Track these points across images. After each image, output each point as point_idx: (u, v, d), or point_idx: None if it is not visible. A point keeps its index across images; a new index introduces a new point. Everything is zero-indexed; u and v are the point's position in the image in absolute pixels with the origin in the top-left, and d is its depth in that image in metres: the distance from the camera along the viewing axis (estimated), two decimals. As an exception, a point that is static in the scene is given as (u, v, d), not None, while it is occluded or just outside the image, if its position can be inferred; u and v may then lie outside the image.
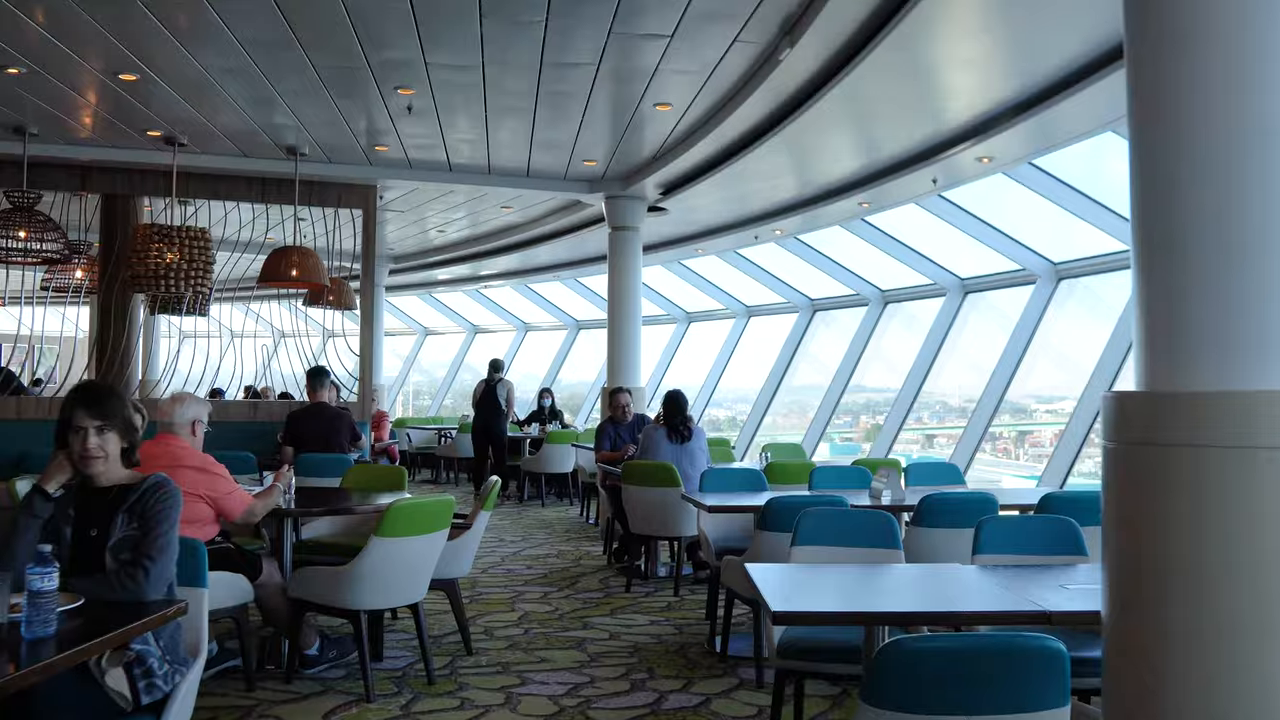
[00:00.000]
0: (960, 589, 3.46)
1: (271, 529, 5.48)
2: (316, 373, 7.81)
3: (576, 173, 9.39)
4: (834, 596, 3.38)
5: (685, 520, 7.01)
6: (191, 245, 7.82)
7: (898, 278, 11.51)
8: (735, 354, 14.44)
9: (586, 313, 17.02)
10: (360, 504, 5.46)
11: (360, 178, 9.16)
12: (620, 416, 8.46)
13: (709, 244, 11.93)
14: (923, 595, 3.47)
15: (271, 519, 5.03)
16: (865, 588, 3.49)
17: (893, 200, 9.20)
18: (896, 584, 3.58)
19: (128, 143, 8.26)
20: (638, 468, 7.22)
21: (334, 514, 5.69)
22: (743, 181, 9.16)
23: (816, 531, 4.26)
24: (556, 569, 7.92)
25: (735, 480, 6.53)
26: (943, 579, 3.67)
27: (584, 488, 11.15)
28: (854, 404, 13.39)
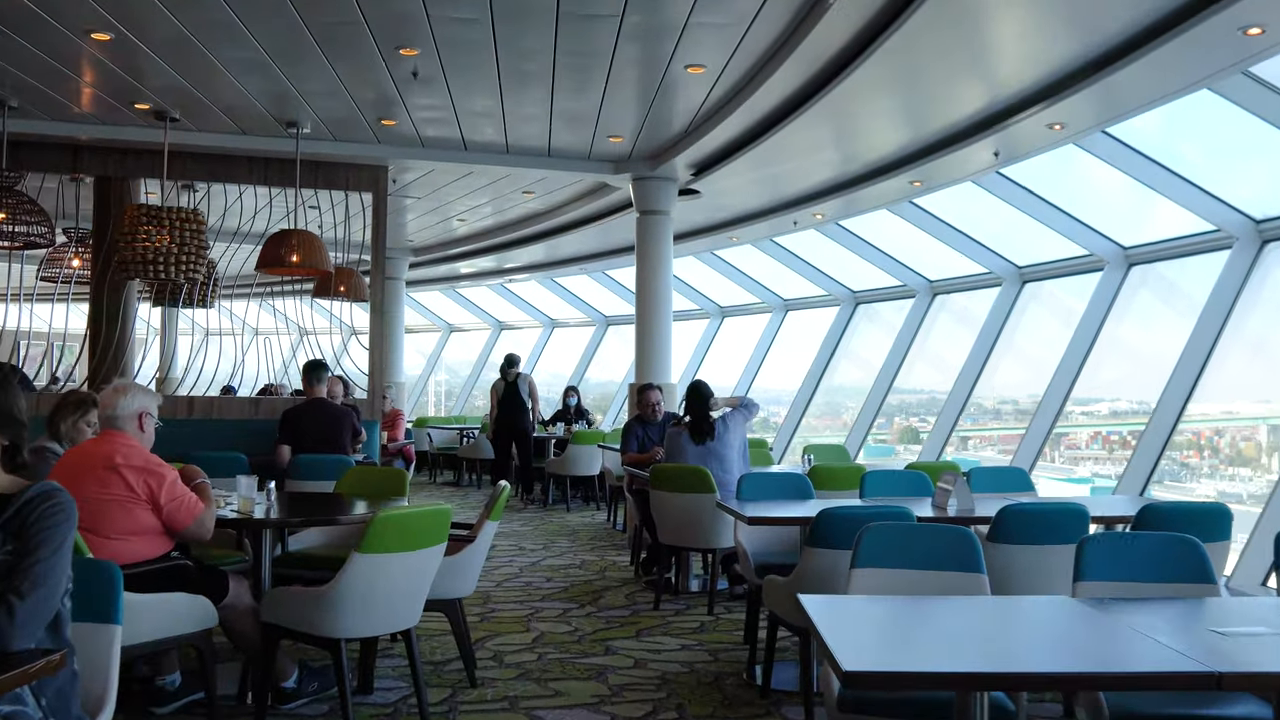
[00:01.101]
0: (1081, 634, 2.71)
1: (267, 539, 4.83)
2: (314, 366, 7.16)
3: (601, 151, 8.68)
4: (917, 644, 2.63)
5: (720, 530, 6.28)
6: (183, 228, 7.19)
7: (948, 266, 10.70)
8: (771, 350, 13.67)
9: (615, 308, 16.32)
10: (353, 512, 4.78)
11: (368, 157, 8.51)
12: (650, 415, 7.73)
13: (743, 231, 11.17)
14: (1034, 643, 2.71)
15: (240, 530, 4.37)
16: (953, 630, 2.75)
17: (947, 178, 8.39)
18: (992, 624, 2.83)
19: (117, 118, 7.65)
20: (666, 471, 6.50)
21: (311, 524, 5.01)
22: (779, 159, 8.41)
23: (881, 550, 3.52)
24: (578, 581, 7.22)
25: (777, 486, 5.79)
26: (1051, 617, 2.92)
27: (611, 491, 10.48)
28: (886, 405, 12.79)
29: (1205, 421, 8.78)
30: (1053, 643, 2.70)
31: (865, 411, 11.26)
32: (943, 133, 7.51)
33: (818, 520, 4.10)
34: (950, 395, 10.04)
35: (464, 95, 7.04)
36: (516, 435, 11.50)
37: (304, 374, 7.17)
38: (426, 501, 4.60)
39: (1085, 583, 3.38)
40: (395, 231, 13.08)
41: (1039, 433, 8.74)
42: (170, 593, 3.85)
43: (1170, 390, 7.50)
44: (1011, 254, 9.78)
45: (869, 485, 5.92)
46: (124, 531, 3.81)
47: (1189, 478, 8.83)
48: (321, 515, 4.79)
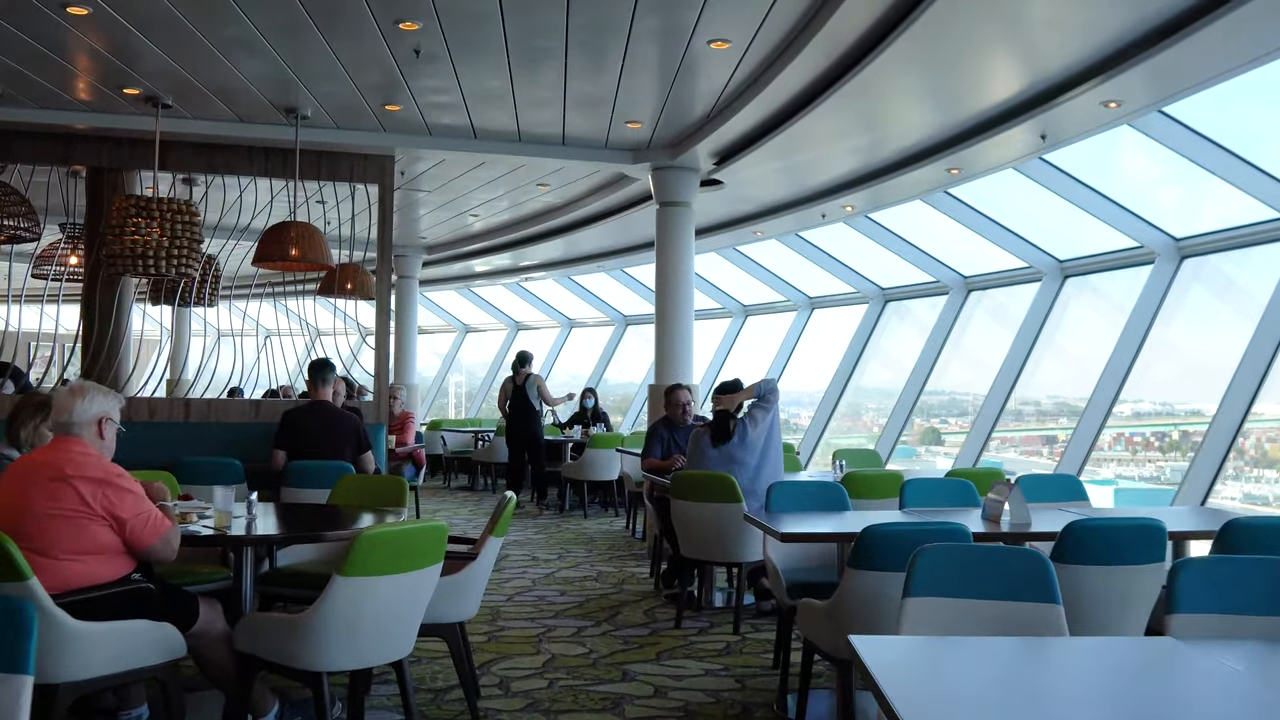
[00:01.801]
0: (1205, 692, 2.22)
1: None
2: (318, 366, 6.72)
3: (619, 139, 8.21)
4: (1001, 709, 2.14)
5: (747, 542, 5.80)
6: (174, 219, 6.78)
7: (984, 261, 10.17)
8: (796, 350, 13.15)
9: (634, 307, 15.86)
10: (352, 523, 4.34)
11: (374, 146, 8.08)
12: (679, 418, 7.20)
13: (768, 225, 10.68)
14: (1143, 703, 2.21)
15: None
16: (1044, 687, 2.26)
17: (987, 165, 7.86)
18: (1082, 675, 2.33)
19: (108, 105, 7.25)
20: (688, 479, 6.02)
21: (294, 541, 4.55)
22: (805, 147, 7.93)
23: (939, 576, 3.02)
24: (594, 595, 6.76)
25: (809, 496, 5.30)
26: (1159, 668, 2.42)
27: (630, 497, 10.02)
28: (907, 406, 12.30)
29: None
30: (1155, 701, 2.20)
31: (896, 414, 10.73)
32: (981, 116, 7.00)
33: (862, 539, 3.61)
34: (989, 396, 9.50)
35: (471, 76, 6.60)
36: (526, 440, 11.05)
37: (309, 374, 6.73)
38: (426, 517, 4.14)
39: (1181, 616, 2.87)
40: (408, 228, 12.68)
41: (1086, 435, 8.20)
42: (130, 620, 3.41)
43: (1233, 392, 6.96)
44: (1053, 247, 9.24)
45: (910, 494, 5.41)
46: (76, 551, 3.37)
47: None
48: (307, 530, 4.33)
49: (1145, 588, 3.89)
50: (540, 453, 11.09)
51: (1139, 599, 3.90)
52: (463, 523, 10.23)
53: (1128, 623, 3.88)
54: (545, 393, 11.05)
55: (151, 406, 7.75)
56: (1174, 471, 9.00)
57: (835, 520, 4.79)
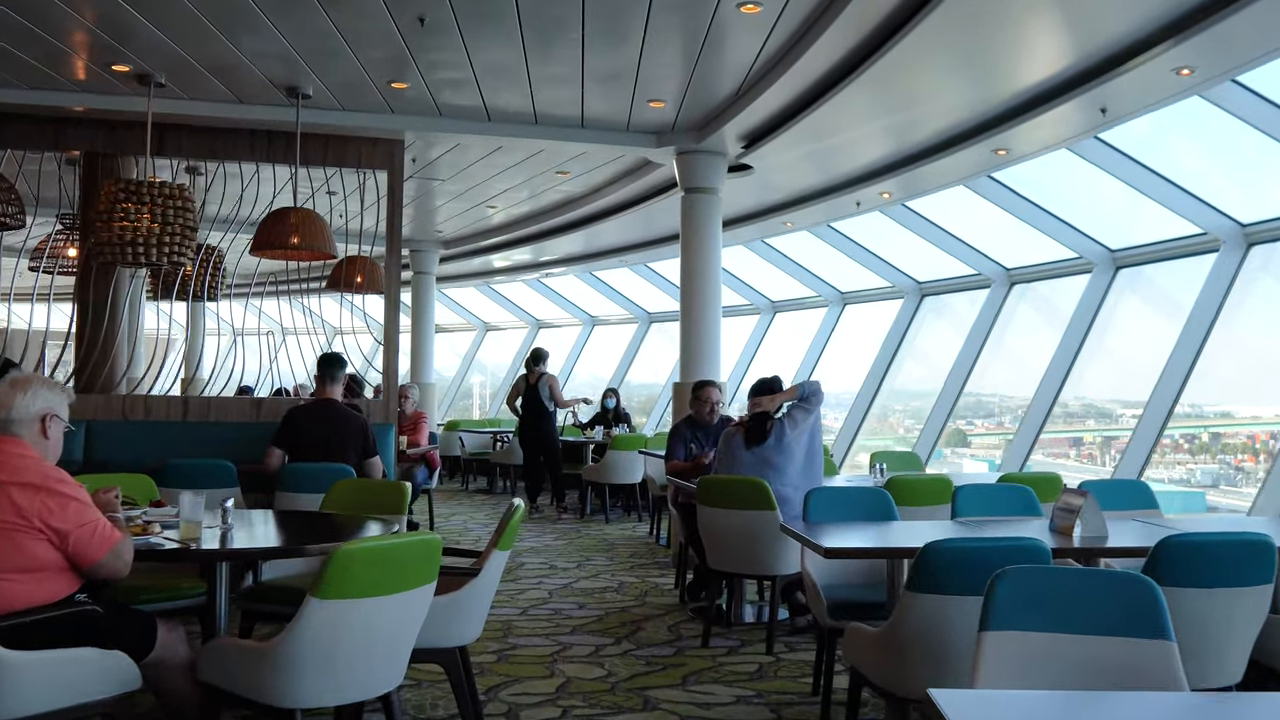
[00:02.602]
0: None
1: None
2: (327, 362, 6.25)
3: (642, 121, 7.71)
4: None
5: (782, 554, 5.28)
6: (166, 205, 6.35)
7: (1029, 251, 9.60)
8: (827, 348, 12.59)
9: (658, 304, 15.35)
10: (338, 534, 3.87)
11: (382, 129, 7.62)
12: (705, 417, 6.70)
13: (798, 215, 10.14)
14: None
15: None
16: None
17: (1039, 145, 7.28)
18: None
19: (99, 85, 6.84)
20: (716, 484, 5.51)
21: (269, 556, 4.08)
22: (839, 128, 7.42)
23: (1024, 604, 2.51)
24: (615, 609, 6.26)
25: (851, 504, 4.77)
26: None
27: (654, 501, 9.52)
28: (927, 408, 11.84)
29: (1260, 425, 8.29)
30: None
31: (935, 414, 10.16)
32: (1031, 90, 6.45)
33: (924, 558, 3.09)
34: (1036, 396, 8.92)
35: (481, 48, 6.12)
36: (540, 442, 10.54)
37: (318, 369, 6.26)
38: (434, 522, 3.65)
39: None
40: (424, 221, 12.26)
41: (1146, 439, 7.60)
42: (75, 648, 2.95)
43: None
44: (1103, 236, 8.65)
45: (963, 502, 4.88)
46: (11, 569, 2.91)
47: (1245, 482, 8.36)
48: (288, 542, 3.85)
49: (1249, 613, 3.36)
50: (555, 455, 10.57)
51: (1241, 625, 3.37)
52: (478, 528, 9.77)
53: (1229, 653, 3.35)
54: (556, 393, 10.51)
55: (148, 405, 7.34)
56: (1204, 474, 8.73)
57: (883, 532, 4.27)
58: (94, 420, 7.17)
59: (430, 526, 9.43)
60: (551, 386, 10.43)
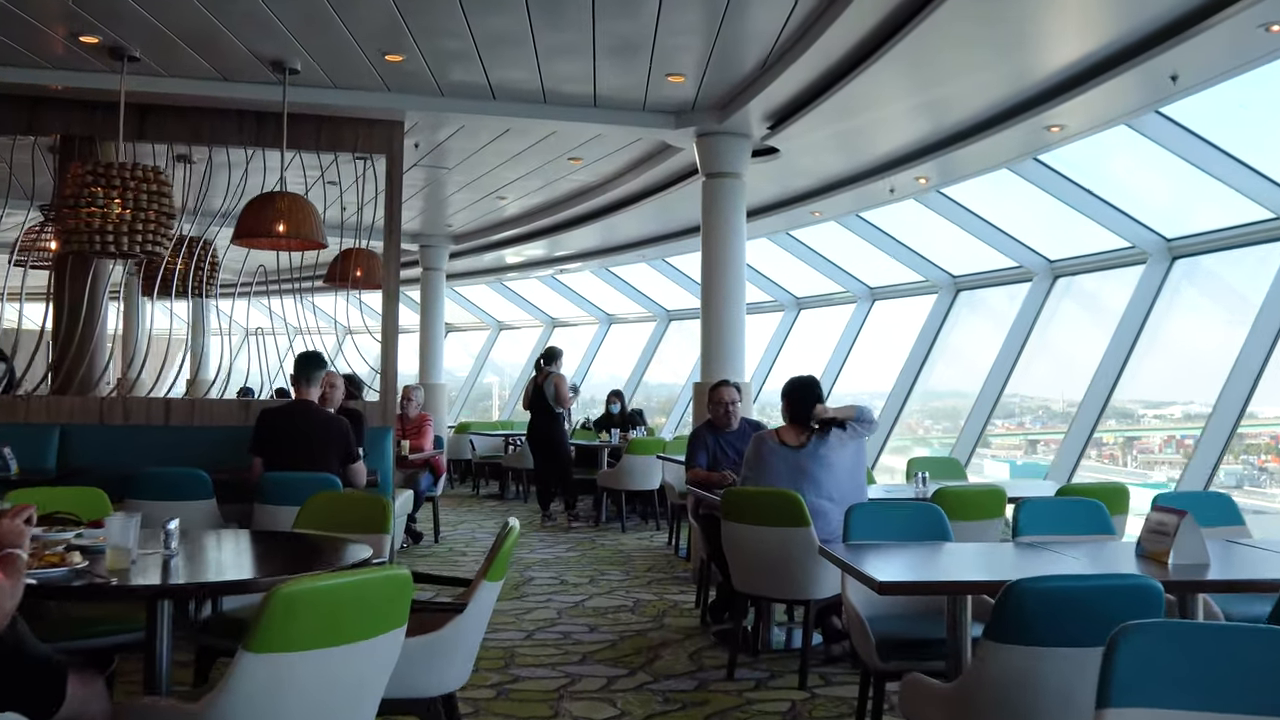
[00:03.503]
0: None
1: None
2: (306, 361, 5.68)
3: (660, 99, 7.12)
4: None
5: (818, 576, 4.67)
6: (139, 189, 5.81)
7: (1075, 242, 8.94)
8: (856, 347, 11.95)
9: (677, 301, 14.75)
10: (308, 559, 3.31)
11: (379, 109, 7.07)
12: (723, 420, 6.12)
13: (827, 204, 9.51)
14: None
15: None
16: None
17: (1097, 120, 6.62)
18: None
19: (69, 60, 6.30)
20: (742, 496, 4.91)
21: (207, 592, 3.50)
22: (871, 105, 6.81)
23: (1158, 675, 1.90)
24: (630, 632, 5.67)
25: (898, 520, 4.16)
26: None
27: (672, 509, 8.93)
28: (946, 409, 11.51)
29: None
30: None
31: (974, 417, 9.50)
32: (1089, 59, 5.81)
33: (1008, 601, 2.47)
34: (1086, 397, 8.26)
35: (481, 13, 5.53)
36: (546, 446, 9.92)
37: (294, 368, 5.71)
38: (378, 566, 3.07)
39: None
40: (433, 214, 11.71)
41: (1214, 443, 6.94)
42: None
43: None
44: (1158, 224, 7.98)
45: (1025, 519, 4.26)
46: None
47: (1269, 483, 8.11)
48: (242, 572, 3.28)
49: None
50: (561, 459, 9.92)
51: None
52: (486, 537, 9.20)
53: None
54: (560, 392, 9.86)
55: (127, 407, 6.82)
56: (1226, 475, 8.12)
57: (939, 557, 3.66)
58: (69, 424, 6.67)
59: (435, 536, 8.87)
60: (556, 386, 9.82)
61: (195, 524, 5.28)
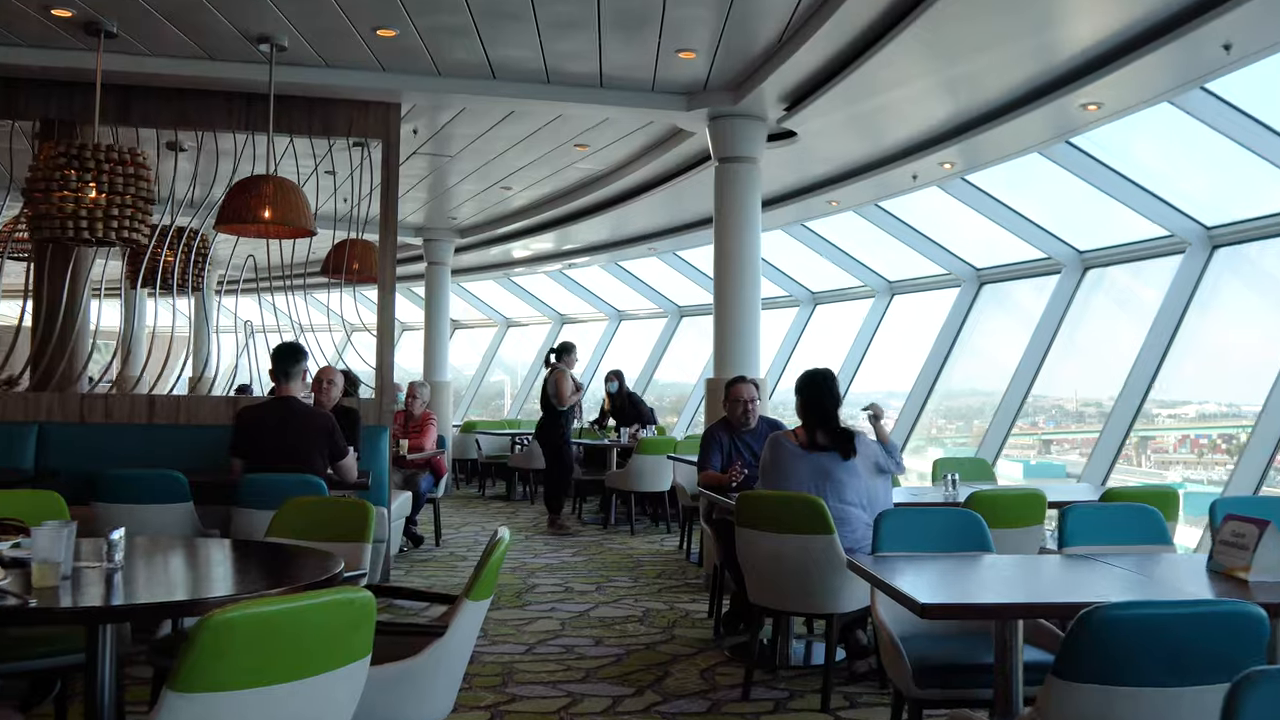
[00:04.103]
0: None
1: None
2: (284, 353, 5.31)
3: (670, 78, 6.73)
4: None
5: (842, 589, 4.27)
6: (114, 172, 5.45)
7: (1108, 231, 8.50)
8: (874, 344, 11.51)
9: (689, 296, 14.35)
10: (279, 574, 2.93)
11: (374, 90, 6.71)
12: (741, 419, 5.73)
13: (845, 193, 9.09)
14: None
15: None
16: None
17: (1138, 97, 6.19)
18: None
19: (43, 36, 5.95)
20: (758, 501, 4.51)
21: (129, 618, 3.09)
22: (896, 81, 6.41)
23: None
24: (638, 645, 5.28)
25: (934, 527, 3.76)
26: None
27: (683, 512, 8.53)
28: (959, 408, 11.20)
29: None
30: None
31: (1001, 416, 9.06)
32: (1135, 26, 5.39)
33: (1083, 631, 2.07)
34: (1121, 397, 7.82)
35: (477, -19, 5.16)
36: (546, 445, 9.51)
37: (272, 361, 5.35)
38: (344, 587, 2.69)
39: None
40: (437, 205, 11.36)
41: (1265, 443, 6.50)
42: None
43: None
44: (1198, 211, 7.54)
45: (1073, 527, 3.85)
46: None
47: None
48: (195, 589, 2.91)
49: None
50: (560, 458, 9.45)
51: None
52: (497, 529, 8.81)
53: None
54: (559, 389, 9.31)
55: (108, 405, 6.48)
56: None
57: (983, 572, 3.26)
58: (48, 422, 6.33)
59: (436, 539, 8.50)
60: (556, 382, 9.37)
61: (170, 529, 4.94)
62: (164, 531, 4.91)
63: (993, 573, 3.20)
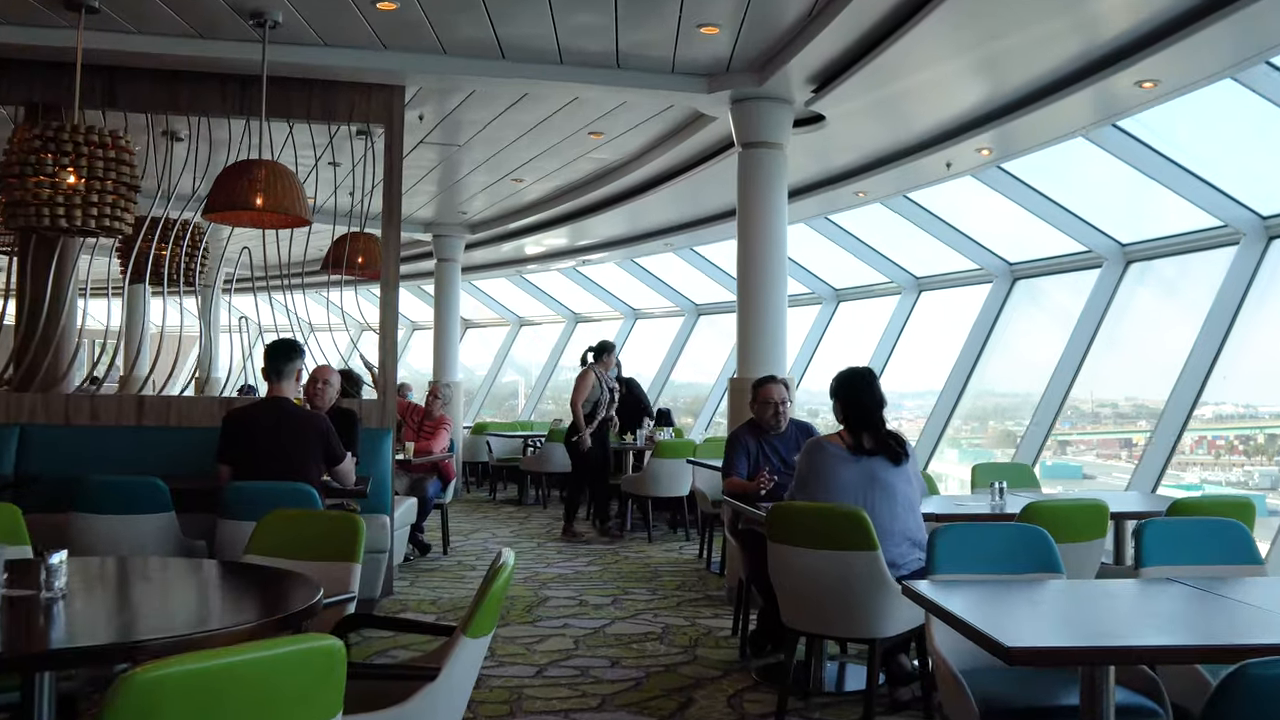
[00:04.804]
0: None
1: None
2: (277, 351, 4.92)
3: (690, 57, 6.30)
4: None
5: (887, 611, 3.84)
6: (94, 156, 5.07)
7: (1158, 222, 8.02)
8: (900, 343, 11.04)
9: (707, 294, 13.92)
10: (262, 602, 2.53)
11: (375, 71, 6.31)
12: (770, 422, 5.31)
13: (872, 183, 8.64)
14: None
15: None
16: None
17: (1207, 71, 5.66)
18: None
19: (20, 13, 5.57)
20: (794, 514, 4.08)
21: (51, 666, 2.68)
22: (932, 59, 5.97)
23: None
24: (658, 666, 4.87)
25: (998, 544, 3.34)
26: None
27: (702, 519, 8.13)
28: (976, 409, 10.65)
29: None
30: None
31: (1039, 420, 8.58)
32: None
33: (1237, 693, 1.64)
34: (1172, 398, 7.35)
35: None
36: (567, 447, 9.08)
37: (264, 359, 4.96)
38: (312, 634, 2.27)
39: None
40: (446, 198, 10.97)
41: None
42: None
43: None
44: (1253, 199, 7.06)
45: (1151, 545, 3.41)
46: None
47: None
48: (143, 624, 2.50)
49: None
50: (578, 465, 8.98)
51: None
52: (500, 548, 8.40)
53: None
54: (578, 390, 8.84)
55: (94, 406, 6.11)
56: (1262, 476, 8.12)
57: (1062, 601, 2.82)
58: (30, 424, 5.97)
59: (444, 547, 8.10)
60: (576, 381, 8.94)
61: (150, 541, 4.56)
62: (143, 543, 4.53)
63: (1075, 601, 2.77)
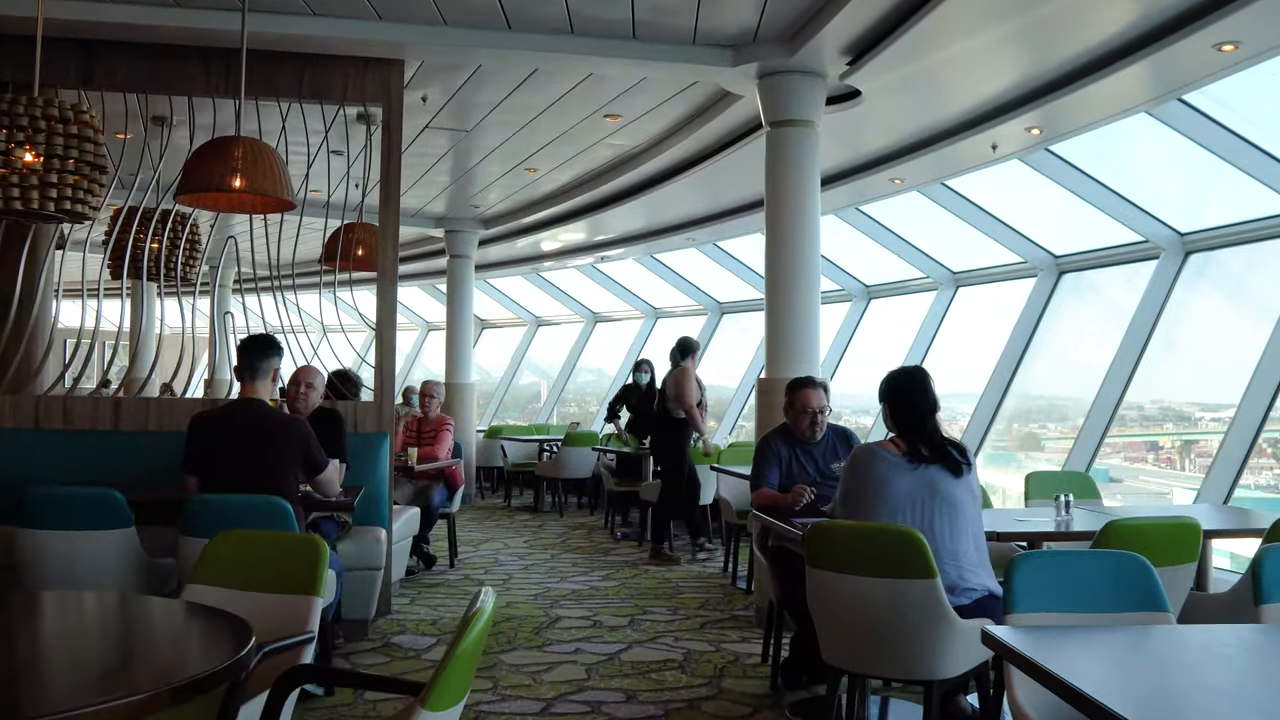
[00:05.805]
0: None
1: None
2: (251, 347, 4.40)
3: (713, 25, 5.75)
4: None
5: (948, 650, 3.26)
6: (53, 130, 4.56)
7: (1217, 210, 7.40)
8: (936, 341, 10.44)
9: (730, 292, 13.35)
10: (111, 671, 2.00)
11: (372, 43, 5.80)
12: (807, 431, 4.74)
13: (910, 168, 8.04)
14: None
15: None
16: None
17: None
18: None
19: (-16, -20, 5.11)
20: (837, 534, 3.50)
21: None
22: (978, 26, 5.40)
23: None
24: (679, 702, 4.31)
25: (1085, 578, 2.77)
26: None
27: (727, 529, 7.58)
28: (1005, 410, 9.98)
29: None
30: None
31: (1091, 423, 7.96)
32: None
33: None
34: (1244, 402, 6.73)
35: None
36: (665, 460, 8.28)
37: (237, 356, 4.45)
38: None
39: None
40: (458, 191, 10.47)
41: None
42: None
43: None
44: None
45: (1270, 576, 2.83)
46: None
47: None
48: (44, 685, 1.97)
49: None
50: (675, 473, 8.11)
51: None
52: (511, 560, 7.88)
53: None
54: (681, 390, 8.06)
55: (67, 409, 5.63)
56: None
57: (1196, 655, 2.25)
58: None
59: (450, 560, 7.58)
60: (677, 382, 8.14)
61: (106, 559, 4.06)
62: (98, 563, 4.03)
63: (1209, 658, 2.19)
